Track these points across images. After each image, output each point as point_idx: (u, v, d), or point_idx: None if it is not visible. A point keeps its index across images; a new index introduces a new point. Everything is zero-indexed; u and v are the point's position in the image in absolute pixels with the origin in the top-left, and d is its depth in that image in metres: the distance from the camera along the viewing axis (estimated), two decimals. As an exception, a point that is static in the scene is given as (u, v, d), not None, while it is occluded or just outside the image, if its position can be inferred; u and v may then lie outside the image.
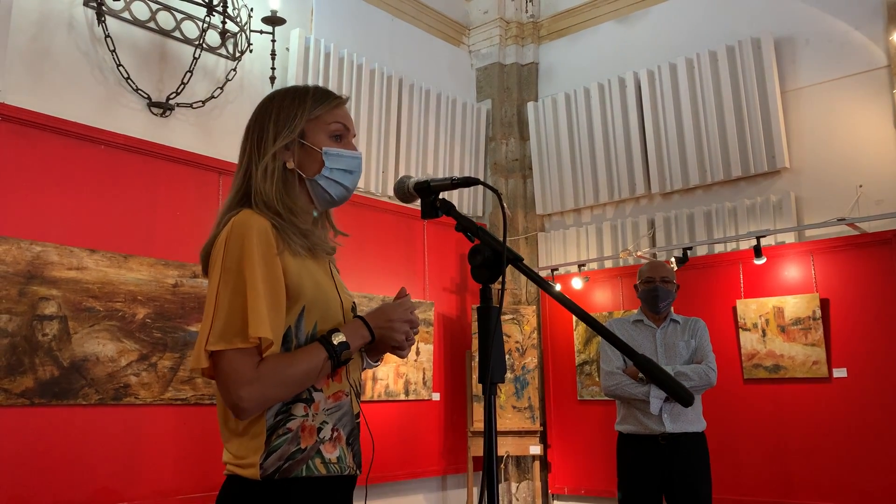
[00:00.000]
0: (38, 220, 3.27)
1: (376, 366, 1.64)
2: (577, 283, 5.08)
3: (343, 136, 1.56)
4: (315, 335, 1.45)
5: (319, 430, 1.43)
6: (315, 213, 1.58)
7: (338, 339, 1.43)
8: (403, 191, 1.48)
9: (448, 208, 1.43)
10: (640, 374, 3.37)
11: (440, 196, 1.45)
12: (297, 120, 1.51)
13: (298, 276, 1.43)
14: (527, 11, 5.98)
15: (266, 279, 1.37)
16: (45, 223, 3.29)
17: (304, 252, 1.47)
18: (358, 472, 1.52)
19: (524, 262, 1.33)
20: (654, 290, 3.48)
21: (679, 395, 1.15)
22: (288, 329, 1.42)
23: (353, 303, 1.59)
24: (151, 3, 3.83)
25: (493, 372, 1.25)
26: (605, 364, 3.49)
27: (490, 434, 1.23)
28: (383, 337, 1.51)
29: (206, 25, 3.83)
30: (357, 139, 4.81)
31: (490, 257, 1.32)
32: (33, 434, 3.14)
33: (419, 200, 1.49)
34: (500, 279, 1.31)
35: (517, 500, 5.27)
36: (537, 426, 4.98)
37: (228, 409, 1.38)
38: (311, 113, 1.53)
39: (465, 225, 1.39)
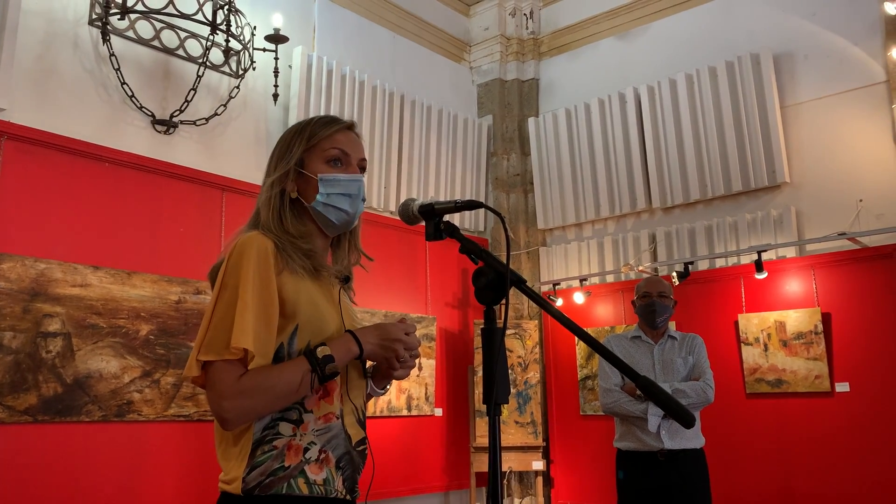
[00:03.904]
0: (42, 238, 3.29)
1: (382, 393, 1.63)
2: (578, 298, 5.09)
3: (342, 160, 1.58)
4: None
5: (306, 450, 1.43)
6: (329, 237, 1.61)
7: (323, 352, 1.43)
8: (408, 214, 1.49)
9: (452, 231, 1.45)
10: (639, 391, 3.36)
11: (444, 218, 1.46)
12: (295, 149, 1.57)
13: (296, 295, 1.45)
14: (527, 28, 6.03)
15: (257, 295, 1.40)
16: (50, 240, 3.31)
17: (305, 273, 1.49)
18: (350, 496, 1.50)
19: (527, 283, 1.34)
20: (651, 305, 3.49)
21: (681, 417, 1.16)
22: (280, 345, 1.44)
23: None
24: (155, 22, 3.86)
25: (497, 393, 1.26)
26: (603, 381, 3.49)
27: (495, 456, 1.23)
28: (373, 353, 1.51)
29: (209, 44, 3.87)
30: (370, 164, 4.85)
31: (494, 279, 1.33)
32: (36, 451, 3.15)
33: (423, 222, 1.50)
34: (504, 301, 1.32)
35: (520, 515, 5.25)
36: (540, 441, 4.98)
37: (216, 419, 1.41)
38: (308, 141, 1.57)
39: (469, 247, 1.40)
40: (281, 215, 1.53)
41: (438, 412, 5.01)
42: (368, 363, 1.58)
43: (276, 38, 4.16)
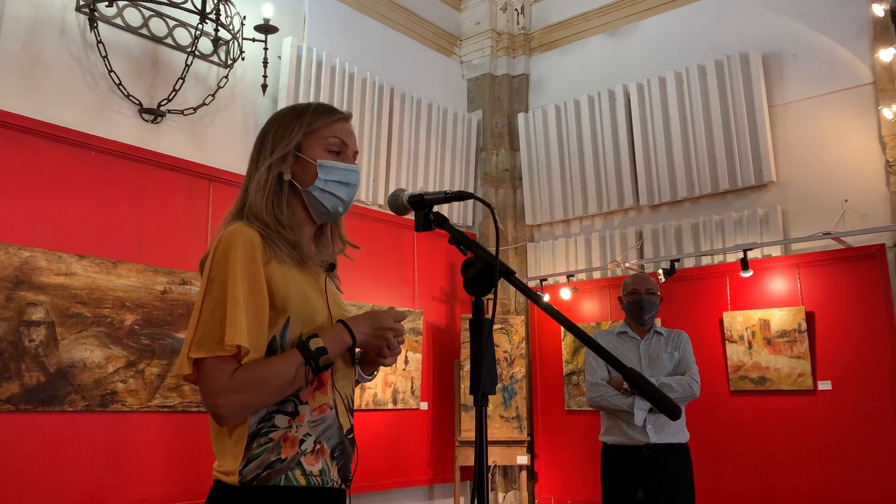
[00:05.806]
0: (26, 226, 3.26)
1: (369, 379, 1.64)
2: (565, 294, 5.11)
3: (341, 150, 1.57)
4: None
5: (302, 441, 1.44)
6: (316, 224, 1.60)
7: (315, 344, 1.43)
8: (397, 204, 1.48)
9: (441, 221, 1.44)
10: (625, 386, 3.39)
11: (433, 209, 1.46)
12: (295, 132, 1.55)
13: (285, 287, 1.45)
14: (518, 23, 6.03)
15: (247, 289, 1.39)
16: (34, 228, 3.28)
17: (292, 262, 1.49)
18: (345, 486, 1.52)
19: (515, 275, 1.34)
20: (639, 302, 3.51)
21: (668, 408, 1.17)
22: (273, 339, 1.44)
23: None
24: (144, 10, 3.83)
25: (484, 384, 1.26)
26: (589, 375, 3.51)
27: (481, 445, 1.24)
28: (366, 342, 1.52)
29: (198, 33, 3.84)
30: (359, 157, 4.82)
31: (483, 270, 1.33)
32: (19, 440, 3.12)
33: (412, 213, 1.50)
34: (493, 292, 1.32)
35: (504, 509, 5.27)
36: (524, 436, 4.99)
37: (210, 415, 1.41)
38: (308, 126, 1.56)
39: (458, 238, 1.40)
40: (273, 200, 1.51)
41: (424, 406, 5.02)
42: (357, 350, 1.59)
43: (266, 29, 4.13)
